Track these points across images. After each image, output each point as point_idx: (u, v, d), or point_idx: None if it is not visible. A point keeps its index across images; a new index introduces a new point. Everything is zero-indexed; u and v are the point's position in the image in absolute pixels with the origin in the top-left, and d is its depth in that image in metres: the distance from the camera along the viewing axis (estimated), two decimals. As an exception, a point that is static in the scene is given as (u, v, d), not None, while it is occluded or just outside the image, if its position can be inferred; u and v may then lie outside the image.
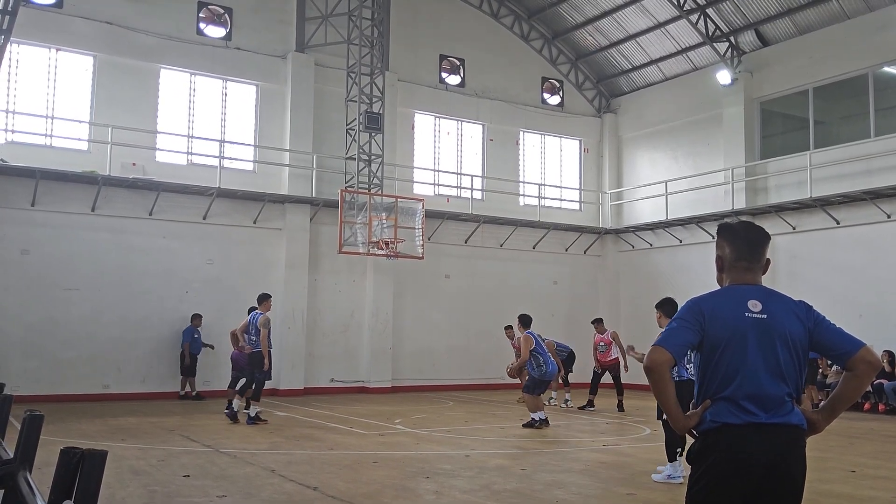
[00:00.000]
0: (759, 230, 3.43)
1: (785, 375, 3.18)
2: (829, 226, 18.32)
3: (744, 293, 3.27)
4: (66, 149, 17.39)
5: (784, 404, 3.16)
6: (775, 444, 3.11)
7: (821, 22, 19.38)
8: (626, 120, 24.76)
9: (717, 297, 3.32)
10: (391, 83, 20.81)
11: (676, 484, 8.11)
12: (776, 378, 3.16)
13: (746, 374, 3.14)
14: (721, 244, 3.41)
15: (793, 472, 3.14)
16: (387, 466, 9.20)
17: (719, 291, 3.37)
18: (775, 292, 3.32)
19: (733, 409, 3.12)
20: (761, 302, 3.23)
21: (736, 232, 3.39)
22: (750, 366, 3.14)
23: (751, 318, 3.19)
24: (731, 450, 3.09)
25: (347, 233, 18.60)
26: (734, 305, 3.23)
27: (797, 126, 20.52)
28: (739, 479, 3.07)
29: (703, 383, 3.27)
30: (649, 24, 22.26)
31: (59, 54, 17.59)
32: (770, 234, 3.47)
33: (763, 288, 3.32)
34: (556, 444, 11.56)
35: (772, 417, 3.12)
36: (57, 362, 16.60)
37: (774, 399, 3.14)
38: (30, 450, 2.81)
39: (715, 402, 3.18)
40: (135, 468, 8.67)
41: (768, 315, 3.20)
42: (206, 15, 19.34)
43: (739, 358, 3.15)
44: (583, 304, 23.93)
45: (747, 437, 3.10)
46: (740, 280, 3.34)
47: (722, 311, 3.23)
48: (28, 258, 16.67)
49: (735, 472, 3.08)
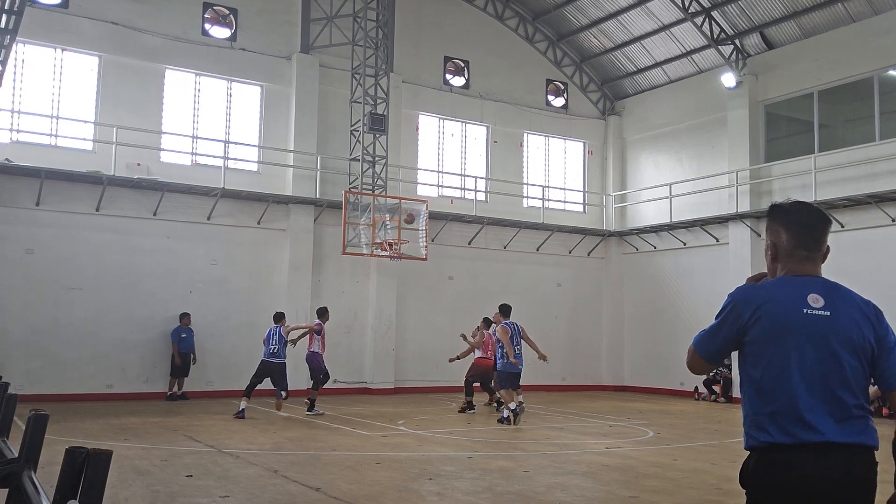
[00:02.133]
0: (819, 213, 2.99)
1: (852, 385, 2.68)
2: (834, 229, 17.95)
3: (803, 285, 2.79)
4: (71, 149, 17.43)
5: (851, 419, 2.65)
6: (839, 469, 2.60)
7: (826, 25, 19.35)
8: (630, 122, 24.75)
9: (769, 289, 2.83)
10: (395, 84, 20.83)
11: (676, 484, 8.09)
12: (841, 387, 2.66)
13: (802, 382, 2.66)
14: (775, 229, 2.93)
15: (860, 502, 2.63)
16: (389, 468, 9.20)
17: (773, 282, 2.88)
18: (841, 287, 2.86)
19: (787, 425, 2.64)
20: (824, 297, 2.76)
21: (794, 215, 2.93)
22: (808, 372, 2.66)
23: (810, 314, 2.71)
24: (784, 474, 2.61)
25: (351, 234, 18.61)
26: (790, 299, 2.75)
27: (802, 129, 20.49)
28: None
29: (751, 390, 2.77)
30: (654, 26, 22.25)
31: (64, 54, 17.62)
32: (830, 218, 3.04)
33: (826, 281, 2.86)
34: (559, 447, 11.55)
35: (836, 435, 2.61)
36: (60, 362, 16.63)
37: (837, 413, 2.64)
38: (34, 449, 2.82)
39: (765, 415, 2.69)
40: (138, 468, 8.68)
41: (832, 312, 2.73)
42: (211, 16, 19.37)
43: (794, 362, 2.67)
44: (586, 306, 23.95)
45: (804, 459, 2.61)
46: (798, 271, 2.85)
47: (774, 306, 2.74)
48: (32, 258, 16.70)
49: (789, 502, 2.61)
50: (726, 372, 20.01)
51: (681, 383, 21.67)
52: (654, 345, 22.91)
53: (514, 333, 14.12)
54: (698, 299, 21.73)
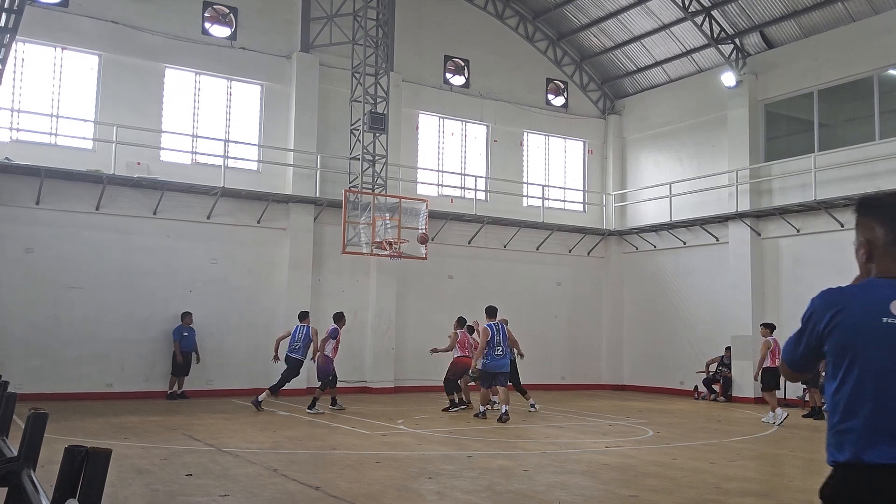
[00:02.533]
0: None
1: None
2: (834, 228, 18.28)
3: (890, 289, 2.53)
4: (71, 148, 17.42)
5: None
6: None
7: (826, 24, 19.35)
8: (630, 121, 24.74)
9: (849, 294, 2.59)
10: (396, 84, 20.82)
11: (676, 483, 8.09)
12: None
13: (878, 399, 2.46)
14: (868, 224, 2.64)
15: None
16: (389, 467, 9.20)
17: (857, 286, 2.65)
18: None
19: (864, 444, 2.45)
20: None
21: (889, 206, 2.63)
22: (884, 388, 2.46)
23: (890, 324, 2.47)
24: (860, 496, 2.45)
25: (351, 233, 18.61)
26: (869, 307, 2.51)
27: (802, 128, 20.49)
28: None
29: (829, 404, 2.59)
30: (654, 25, 22.24)
31: (64, 53, 17.62)
32: None
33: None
34: (559, 446, 11.56)
35: None
36: (60, 361, 16.63)
37: None
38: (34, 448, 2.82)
39: (842, 432, 2.52)
40: (137, 467, 8.68)
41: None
42: (211, 15, 19.36)
43: (870, 377, 2.48)
44: (586, 305, 23.97)
45: (882, 481, 2.42)
46: (891, 272, 2.58)
47: (849, 315, 2.53)
48: (32, 257, 16.70)
49: None
50: (726, 371, 20.02)
51: (680, 382, 21.69)
52: (654, 344, 22.93)
53: (496, 334, 14.45)
54: (698, 298, 21.76)
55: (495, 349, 14.33)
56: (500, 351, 14.39)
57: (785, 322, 19.12)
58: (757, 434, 13.27)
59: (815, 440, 12.59)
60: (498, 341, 14.39)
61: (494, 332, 14.42)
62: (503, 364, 14.46)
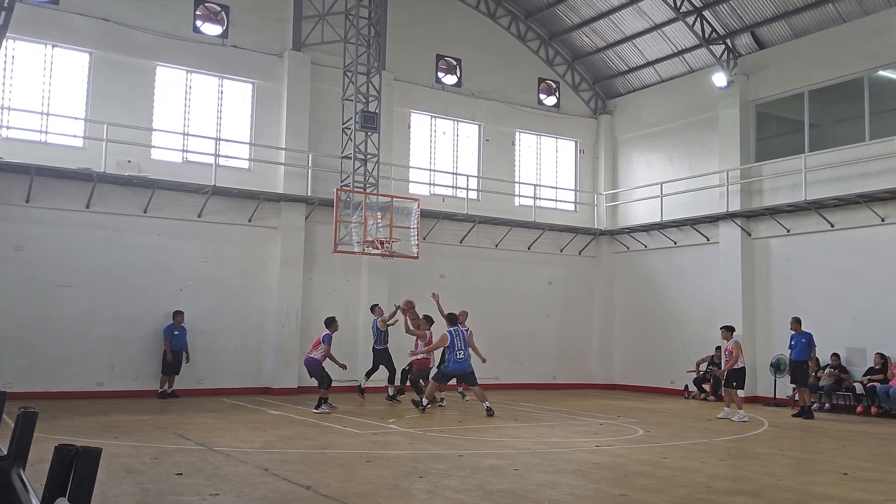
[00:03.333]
0: None
1: None
2: (824, 228, 18.37)
3: None
4: (62, 145, 17.34)
5: None
6: None
7: (817, 25, 19.43)
8: (622, 121, 24.80)
9: None
10: (388, 82, 20.81)
11: (666, 482, 8.11)
12: None
13: None
14: None
15: None
16: (380, 466, 9.20)
17: None
18: None
19: None
20: None
21: None
22: None
23: None
24: None
25: (343, 232, 18.59)
26: None
27: (792, 129, 20.57)
28: None
29: None
30: (646, 25, 22.30)
31: (54, 50, 17.54)
32: None
33: None
34: (549, 445, 11.57)
35: None
36: (50, 360, 16.56)
37: None
38: (23, 447, 2.81)
39: None
40: (128, 466, 8.65)
41: None
42: (202, 12, 19.31)
43: None
44: (577, 305, 24.01)
45: None
46: None
47: None
48: (22, 255, 16.62)
49: None
50: (716, 370, 20.08)
51: (671, 382, 21.76)
52: (645, 343, 22.99)
53: (455, 338, 15.45)
54: (688, 298, 21.83)
55: (456, 353, 15.36)
56: (462, 354, 15.41)
57: (776, 321, 19.22)
58: (747, 433, 13.32)
59: (804, 439, 12.65)
60: (459, 345, 15.39)
61: (453, 337, 15.45)
62: (466, 366, 15.46)
